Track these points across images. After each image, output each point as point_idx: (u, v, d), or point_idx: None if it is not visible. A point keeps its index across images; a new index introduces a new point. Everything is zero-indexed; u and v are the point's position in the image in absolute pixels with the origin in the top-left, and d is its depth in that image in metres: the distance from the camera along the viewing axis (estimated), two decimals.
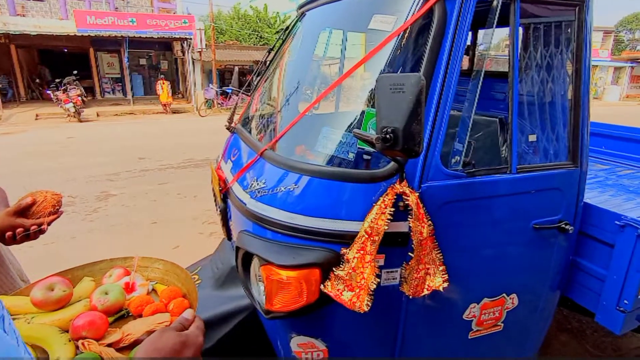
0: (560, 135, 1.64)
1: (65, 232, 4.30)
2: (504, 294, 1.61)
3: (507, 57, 1.43)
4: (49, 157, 7.94)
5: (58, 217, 1.13)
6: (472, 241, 1.47)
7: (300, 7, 2.05)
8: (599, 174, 2.66)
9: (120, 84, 19.17)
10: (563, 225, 1.56)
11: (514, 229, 1.53)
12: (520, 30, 1.60)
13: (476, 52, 2.66)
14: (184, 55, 17.94)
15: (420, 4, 1.28)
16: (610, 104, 25.61)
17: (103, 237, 4.26)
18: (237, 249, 1.52)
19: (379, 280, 1.24)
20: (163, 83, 15.32)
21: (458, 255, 1.45)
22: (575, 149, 1.58)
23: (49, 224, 1.10)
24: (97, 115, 14.65)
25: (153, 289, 1.06)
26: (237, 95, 2.78)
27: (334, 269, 1.27)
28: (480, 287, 1.58)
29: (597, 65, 27.37)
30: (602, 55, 27.91)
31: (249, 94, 2.22)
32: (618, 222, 1.58)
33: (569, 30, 1.58)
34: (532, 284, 1.70)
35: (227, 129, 2.10)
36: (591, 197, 2.03)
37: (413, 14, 1.29)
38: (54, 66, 17.87)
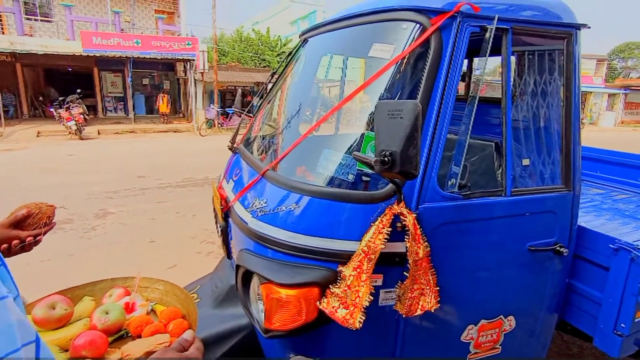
0: (553, 159, 1.70)
1: (62, 249, 4.29)
2: (501, 316, 1.63)
3: (501, 84, 1.50)
4: (49, 174, 7.97)
5: (51, 228, 1.16)
6: (468, 262, 1.50)
7: (303, 33, 2.14)
8: (595, 197, 2.70)
9: (122, 102, 19.45)
10: (558, 248, 1.59)
11: (510, 251, 1.56)
12: (513, 58, 1.69)
13: (472, 79, 2.75)
14: (186, 75, 18.31)
15: (417, 34, 1.36)
16: (606, 129, 26.01)
17: (101, 255, 4.25)
18: (237, 267, 1.54)
19: (372, 298, 1.27)
20: (164, 96, 17.74)
21: (454, 275, 1.47)
22: (568, 173, 1.63)
23: (44, 234, 1.12)
24: (99, 133, 14.79)
25: (152, 310, 1.07)
26: (240, 116, 2.86)
27: (330, 286, 1.30)
28: (477, 308, 1.59)
29: (591, 92, 27.98)
30: (596, 82, 28.56)
31: (252, 115, 2.29)
32: (612, 246, 1.61)
33: (559, 59, 1.66)
34: (529, 306, 1.71)
35: (230, 149, 2.15)
36: (587, 220, 2.06)
37: (410, 43, 1.36)
38: (58, 85, 18.18)
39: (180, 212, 5.79)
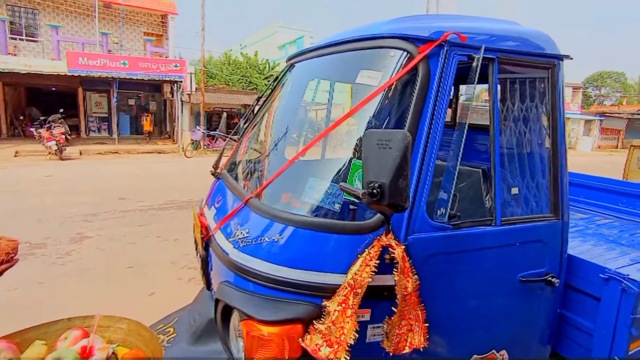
0: (541, 187, 1.69)
1: (32, 277, 4.05)
2: (494, 350, 1.56)
3: (488, 111, 1.49)
4: (23, 196, 7.67)
5: (12, 265, 1.06)
6: (458, 295, 1.44)
7: (290, 58, 2.13)
8: (579, 222, 2.72)
9: (106, 122, 19.20)
10: (549, 278, 1.56)
11: (501, 282, 1.51)
12: (499, 86, 1.70)
13: (459, 106, 2.78)
14: (173, 97, 18.27)
15: (405, 62, 1.35)
16: (584, 154, 26.90)
17: (74, 283, 4.02)
18: (217, 301, 1.45)
19: (357, 335, 1.19)
20: (148, 116, 18.89)
21: (444, 309, 1.41)
22: (557, 202, 1.62)
23: (1, 273, 1.02)
24: (80, 153, 14.47)
25: (113, 353, 0.98)
26: (225, 140, 2.82)
27: (314, 322, 1.22)
28: (469, 342, 1.53)
29: (569, 118, 29.11)
30: (573, 108, 29.81)
31: (236, 139, 2.24)
32: (602, 275, 1.59)
33: (544, 87, 1.68)
34: (521, 338, 1.66)
35: (213, 174, 2.08)
36: (573, 246, 2.05)
37: (398, 70, 1.35)
38: (41, 104, 17.88)
39: (161, 235, 5.60)
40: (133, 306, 3.50)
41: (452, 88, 1.42)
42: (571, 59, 1.63)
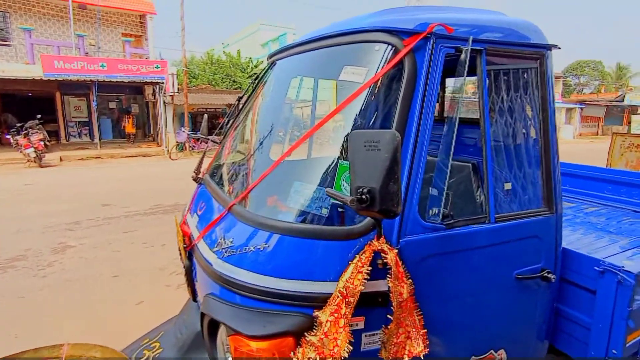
0: (534, 181, 1.65)
1: (12, 290, 3.89)
2: (492, 350, 1.52)
3: (477, 105, 1.44)
4: (1, 205, 7.40)
5: None
6: (455, 296, 1.40)
7: (271, 56, 2.05)
8: (567, 212, 2.71)
9: (87, 127, 18.70)
10: (546, 274, 1.52)
11: (497, 281, 1.47)
12: (488, 78, 1.64)
13: (446, 100, 2.73)
14: (155, 98, 17.90)
15: (390, 56, 1.28)
16: (566, 141, 27.43)
17: (56, 295, 3.87)
18: (203, 314, 1.37)
19: (352, 348, 1.13)
20: (129, 118, 18.91)
21: (441, 312, 1.36)
22: (550, 195, 1.58)
23: None
24: (61, 160, 14.06)
25: None
26: (206, 143, 2.73)
27: (306, 334, 1.16)
28: (467, 344, 1.48)
29: None
30: (557, 97, 30.31)
31: (218, 142, 2.15)
32: (597, 268, 1.56)
33: (533, 78, 1.64)
34: (519, 336, 1.63)
35: (194, 180, 1.99)
36: (563, 236, 2.03)
37: (383, 65, 1.28)
38: (16, 110, 17.27)
39: (148, 241, 5.46)
40: (120, 317, 3.38)
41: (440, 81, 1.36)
42: (559, 48, 1.59)
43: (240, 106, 2.13)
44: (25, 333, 3.07)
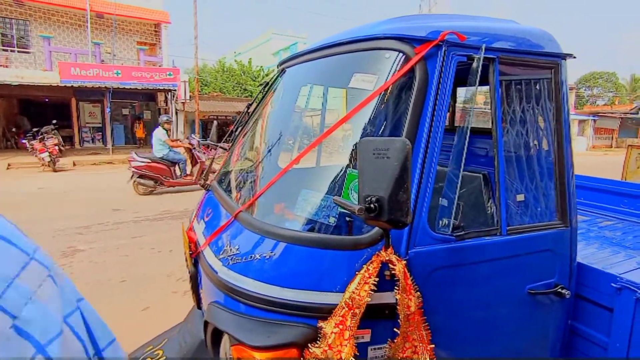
0: (547, 193, 1.60)
1: None
2: None
3: (490, 115, 1.41)
4: (14, 209, 7.51)
5: None
6: (464, 310, 1.35)
7: (281, 63, 2.05)
8: (580, 225, 2.64)
9: (100, 133, 19.03)
10: (559, 290, 1.47)
11: (508, 296, 1.42)
12: (500, 88, 1.62)
13: (456, 109, 2.70)
14: (167, 105, 18.17)
15: (401, 64, 1.27)
16: (579, 153, 26.99)
17: None
18: (206, 323, 1.35)
19: None
20: (140, 124, 19.36)
21: (450, 326, 1.32)
22: (564, 207, 1.53)
23: None
24: (74, 164, 14.30)
25: None
26: (215, 149, 2.75)
27: (309, 345, 1.13)
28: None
29: None
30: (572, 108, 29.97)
31: (227, 149, 2.15)
32: (614, 285, 1.50)
33: (547, 87, 1.61)
34: (531, 353, 1.57)
35: (202, 186, 1.99)
36: (577, 250, 1.97)
37: (394, 73, 1.27)
38: (33, 115, 17.70)
39: (156, 247, 5.48)
40: (126, 322, 3.38)
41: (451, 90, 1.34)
42: (574, 57, 1.56)
43: (250, 113, 2.13)
44: None
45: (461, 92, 2.72)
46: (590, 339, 1.60)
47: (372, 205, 0.88)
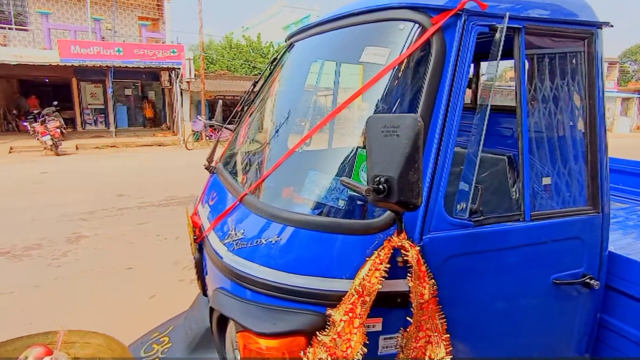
0: (577, 176, 1.58)
1: (28, 279, 4.11)
2: None
3: (514, 91, 1.39)
4: (17, 194, 7.79)
5: None
6: (482, 301, 1.36)
7: (289, 37, 2.05)
8: (618, 213, 2.59)
9: (103, 114, 19.36)
10: (587, 280, 1.46)
11: (531, 286, 1.43)
12: (527, 61, 1.58)
13: (479, 85, 2.65)
14: (171, 85, 18.29)
15: (416, 35, 1.25)
16: (622, 135, 26.15)
17: (70, 285, 4.06)
18: (212, 309, 1.40)
19: (367, 350, 1.13)
20: (148, 103, 20.23)
21: (467, 317, 1.34)
22: (595, 192, 1.51)
23: None
24: (77, 148, 14.65)
25: None
26: (221, 130, 2.78)
27: (317, 333, 1.16)
28: (495, 353, 1.45)
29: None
30: (608, 85, 28.87)
31: (233, 129, 2.17)
32: None
33: (579, 60, 1.56)
34: (555, 347, 1.58)
35: (207, 169, 2.03)
36: (612, 240, 1.94)
37: (409, 46, 1.25)
38: (33, 97, 18.09)
39: (161, 234, 5.63)
40: (132, 310, 3.52)
41: (472, 65, 1.32)
42: (611, 26, 1.51)
43: (256, 92, 2.14)
44: (40, 321, 3.24)
45: (484, 66, 2.66)
46: (621, 333, 1.60)
47: (381, 186, 0.89)
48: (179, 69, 16.91)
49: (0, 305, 3.59)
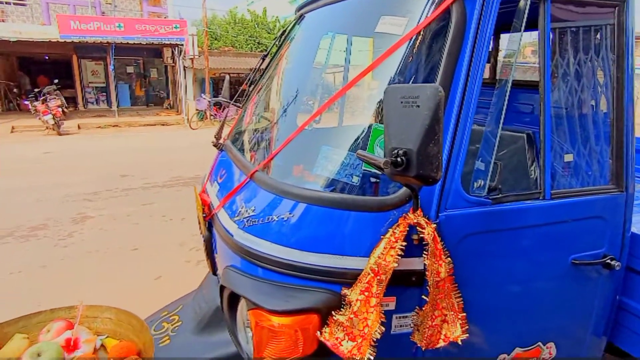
0: (601, 154, 1.56)
1: (35, 259, 4.22)
2: (540, 343, 1.50)
3: (537, 65, 1.37)
4: (22, 174, 7.92)
5: None
6: (499, 280, 1.38)
7: (299, 8, 2.02)
8: None
9: (104, 93, 19.38)
10: (608, 261, 1.46)
11: (549, 266, 1.43)
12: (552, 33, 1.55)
13: (499, 59, 2.60)
14: (174, 62, 18.20)
15: (435, 4, 1.23)
16: None
17: (77, 265, 4.17)
18: (222, 287, 1.43)
19: (384, 329, 1.15)
20: (137, 82, 19.61)
21: (483, 297, 1.35)
22: (620, 170, 1.49)
23: None
24: (79, 127, 14.76)
25: (102, 345, 0.97)
26: (228, 107, 2.79)
27: (333, 312, 1.19)
28: (511, 334, 1.47)
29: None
30: (637, 62, 28.05)
31: (240, 106, 2.17)
32: None
33: (606, 36, 1.52)
34: (573, 329, 1.59)
35: (215, 145, 2.04)
36: (636, 222, 1.93)
37: (427, 15, 1.23)
38: (34, 74, 18.16)
39: (167, 215, 5.71)
40: (138, 291, 3.60)
41: (492, 37, 1.29)
42: None
43: (265, 66, 2.13)
44: (48, 301, 3.33)
45: (505, 38, 2.61)
46: None
47: (399, 159, 0.88)
48: (181, 45, 16.80)
49: (9, 284, 3.70)
